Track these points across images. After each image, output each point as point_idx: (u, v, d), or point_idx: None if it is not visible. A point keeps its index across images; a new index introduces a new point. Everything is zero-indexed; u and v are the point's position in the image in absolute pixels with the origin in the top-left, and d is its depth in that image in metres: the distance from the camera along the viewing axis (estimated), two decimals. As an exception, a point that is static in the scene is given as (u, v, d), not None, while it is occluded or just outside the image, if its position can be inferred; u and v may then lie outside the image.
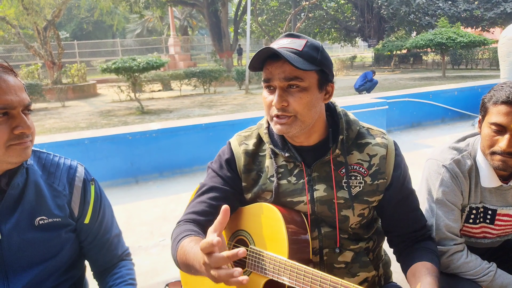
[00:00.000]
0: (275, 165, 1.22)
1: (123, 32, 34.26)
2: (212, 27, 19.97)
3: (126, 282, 1.28)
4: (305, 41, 1.12)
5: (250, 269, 1.18)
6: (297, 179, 1.21)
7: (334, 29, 27.54)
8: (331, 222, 1.21)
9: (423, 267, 1.17)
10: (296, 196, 1.21)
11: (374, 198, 1.22)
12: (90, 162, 4.55)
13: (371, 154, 1.21)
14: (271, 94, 1.13)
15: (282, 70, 1.09)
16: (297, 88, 1.10)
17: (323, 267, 1.22)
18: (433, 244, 1.29)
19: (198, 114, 9.90)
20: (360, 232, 1.24)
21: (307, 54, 1.10)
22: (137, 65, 10.47)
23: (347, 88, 13.41)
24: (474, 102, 7.54)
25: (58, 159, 1.23)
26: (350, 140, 1.22)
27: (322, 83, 1.14)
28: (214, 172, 1.28)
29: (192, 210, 1.25)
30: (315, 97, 1.13)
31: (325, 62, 1.13)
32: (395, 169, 1.23)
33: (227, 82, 15.69)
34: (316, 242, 1.20)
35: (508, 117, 1.24)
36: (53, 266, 1.19)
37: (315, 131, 1.20)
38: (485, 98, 1.34)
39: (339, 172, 1.20)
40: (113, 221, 1.35)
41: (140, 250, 3.13)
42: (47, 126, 9.29)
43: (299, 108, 1.11)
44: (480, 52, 20.12)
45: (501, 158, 1.28)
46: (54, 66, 15.26)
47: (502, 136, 1.27)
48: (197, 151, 5.16)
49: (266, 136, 1.26)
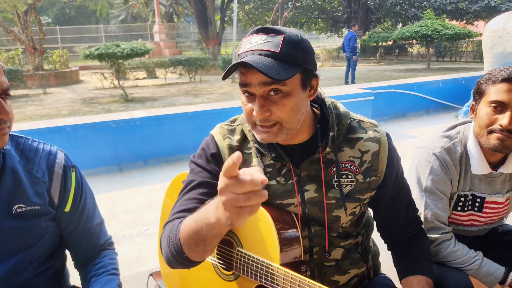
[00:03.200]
0: (262, 164, 1.13)
1: (107, 18, 33.53)
2: (198, 15, 19.66)
3: (109, 272, 1.24)
4: (282, 37, 0.97)
5: (238, 272, 1.12)
6: (286, 180, 1.13)
7: (321, 19, 27.42)
8: (322, 222, 1.15)
9: (418, 286, 1.16)
10: (286, 198, 1.14)
11: (366, 195, 1.17)
12: (72, 149, 4.45)
13: (363, 150, 1.14)
14: (250, 102, 1.01)
15: (260, 75, 0.95)
16: (280, 94, 0.98)
17: (313, 265, 1.18)
18: (426, 243, 1.28)
19: (183, 102, 9.78)
20: (349, 230, 1.21)
21: (286, 55, 0.96)
22: (121, 51, 10.25)
23: (333, 79, 13.42)
24: (458, 93, 7.65)
25: (37, 145, 1.18)
26: (341, 135, 1.14)
27: (305, 81, 1.03)
28: (200, 167, 1.18)
29: (181, 208, 1.13)
30: (299, 99, 1.01)
31: (307, 58, 1.00)
32: (388, 165, 1.17)
33: (213, 70, 15.50)
34: (306, 241, 1.16)
35: (509, 94, 1.24)
36: (32, 255, 1.15)
37: (303, 131, 1.12)
38: (481, 81, 1.33)
39: (329, 170, 1.13)
40: (95, 209, 1.30)
41: (124, 239, 3.09)
42: (28, 113, 9.06)
43: (284, 115, 1.00)
44: (464, 45, 20.35)
45: (499, 136, 1.27)
46: (35, 51, 14.84)
47: (502, 114, 1.26)
48: (182, 139, 5.11)
49: (250, 134, 1.15)
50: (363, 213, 1.26)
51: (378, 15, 23.23)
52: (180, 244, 1.01)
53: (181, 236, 1.01)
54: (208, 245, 0.97)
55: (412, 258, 1.23)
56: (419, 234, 1.28)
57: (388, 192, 1.19)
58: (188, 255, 1.01)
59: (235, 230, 1.16)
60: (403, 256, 1.25)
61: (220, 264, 1.20)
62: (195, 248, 0.98)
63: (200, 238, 0.94)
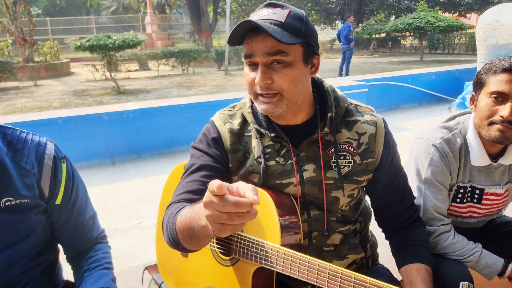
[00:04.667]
0: (261, 145, 1.15)
1: (98, 9, 33.03)
2: (190, 6, 19.45)
3: (102, 266, 1.21)
4: (288, 11, 1.03)
5: (238, 256, 1.13)
6: (285, 160, 1.15)
7: (315, 11, 27.33)
8: (321, 205, 1.16)
9: (417, 274, 1.16)
10: (285, 178, 1.15)
11: (363, 178, 1.18)
12: (64, 142, 4.39)
13: (360, 132, 1.16)
14: (253, 71, 1.06)
15: (264, 44, 1.01)
16: (282, 64, 1.03)
17: (311, 250, 1.18)
18: (423, 231, 1.28)
19: (176, 94, 9.70)
20: (348, 214, 1.21)
21: (290, 26, 1.01)
22: (113, 43, 10.11)
23: (327, 71, 13.39)
24: (451, 85, 7.67)
25: (25, 135, 1.13)
26: (339, 117, 1.16)
27: (307, 56, 1.07)
28: (201, 151, 1.19)
29: (184, 190, 1.13)
30: (301, 71, 1.05)
31: (310, 33, 1.05)
32: (385, 147, 1.19)
33: (206, 62, 15.40)
34: (305, 226, 1.16)
35: (510, 85, 1.22)
36: (22, 250, 1.11)
37: (302, 110, 1.14)
38: (481, 71, 1.31)
39: (327, 151, 1.15)
40: (87, 202, 1.27)
41: (117, 232, 3.05)
42: (18, 106, 8.94)
43: (285, 85, 1.03)
44: (457, 37, 20.40)
45: (500, 128, 1.25)
46: (25, 43, 14.61)
47: (503, 105, 1.24)
48: (176, 132, 5.07)
49: (250, 115, 1.18)
50: (361, 200, 1.27)
51: (371, 7, 23.17)
52: (176, 234, 1.02)
53: (177, 227, 1.02)
54: (201, 241, 0.97)
55: (410, 247, 1.23)
56: (416, 222, 1.28)
57: (385, 176, 1.21)
58: (183, 245, 1.03)
59: None
60: (401, 244, 1.26)
61: (219, 249, 1.20)
62: (190, 241, 1.00)
63: (193, 234, 0.95)
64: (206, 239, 0.95)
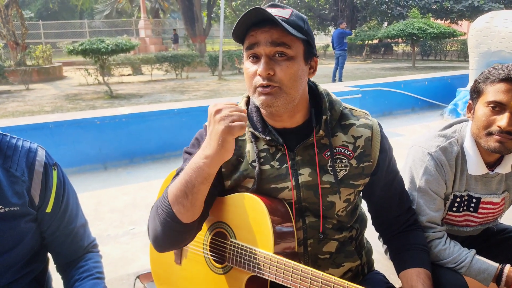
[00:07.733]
0: (256, 149, 1.14)
1: (91, 13, 32.91)
2: (184, 11, 19.47)
3: (93, 276, 1.18)
4: (291, 10, 1.07)
5: (231, 264, 1.11)
6: (280, 164, 1.14)
7: (308, 17, 27.48)
8: (316, 211, 1.15)
9: (418, 279, 1.15)
10: (280, 182, 1.14)
11: (359, 182, 1.17)
12: (56, 147, 4.35)
13: (355, 135, 1.16)
14: (255, 64, 1.06)
15: (269, 34, 1.03)
16: (284, 57, 1.04)
17: (307, 258, 1.17)
18: (422, 235, 1.28)
19: (169, 99, 9.65)
20: (344, 220, 1.20)
21: (294, 23, 1.04)
22: (106, 47, 10.04)
23: (321, 77, 13.43)
24: (443, 92, 7.73)
25: (15, 141, 1.11)
26: (334, 121, 1.16)
27: (307, 55, 1.09)
28: (192, 155, 1.18)
29: None
30: (301, 68, 1.07)
31: (310, 34, 1.09)
32: (381, 151, 1.19)
33: (199, 67, 15.36)
34: (300, 233, 1.15)
35: (507, 95, 1.21)
36: (11, 259, 1.08)
37: (299, 110, 1.13)
38: (478, 80, 1.30)
39: (323, 155, 1.14)
40: (78, 210, 1.24)
41: (109, 239, 3.01)
42: (9, 110, 8.84)
43: (285, 78, 1.04)
44: (449, 44, 20.60)
45: (498, 139, 1.24)
46: (17, 46, 14.48)
47: (501, 114, 1.23)
48: (169, 137, 5.03)
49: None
50: (357, 205, 1.26)
51: (364, 14, 23.36)
52: (169, 203, 1.02)
53: (169, 195, 1.02)
54: (196, 194, 0.98)
55: (409, 251, 1.23)
56: (414, 225, 1.28)
57: (382, 180, 1.20)
58: (176, 214, 1.00)
59: (228, 220, 1.15)
60: (399, 248, 1.25)
61: (213, 257, 1.19)
62: (184, 201, 0.99)
63: (189, 186, 0.97)
64: (202, 187, 0.98)
